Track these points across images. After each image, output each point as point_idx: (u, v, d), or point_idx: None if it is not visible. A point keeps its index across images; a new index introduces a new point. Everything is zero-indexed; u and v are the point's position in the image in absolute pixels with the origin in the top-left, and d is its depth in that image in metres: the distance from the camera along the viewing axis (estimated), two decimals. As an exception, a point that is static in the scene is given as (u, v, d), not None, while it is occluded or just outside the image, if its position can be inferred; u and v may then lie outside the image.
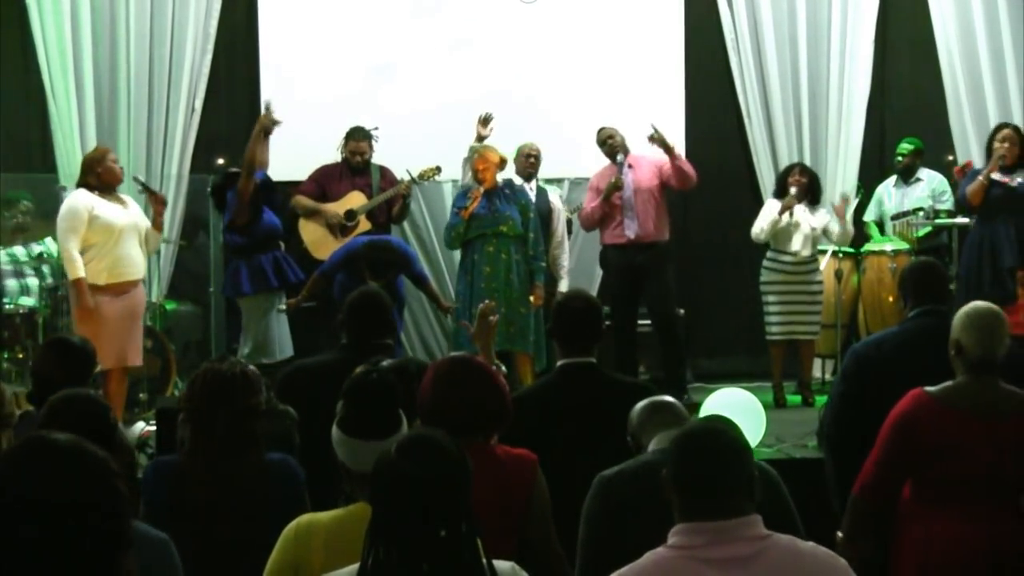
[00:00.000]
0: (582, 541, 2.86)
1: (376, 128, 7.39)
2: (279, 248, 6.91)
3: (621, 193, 7.17)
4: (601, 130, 7.39)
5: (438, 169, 7.38)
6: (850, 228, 7.40)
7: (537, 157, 7.46)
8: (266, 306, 6.82)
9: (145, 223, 6.44)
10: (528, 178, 7.35)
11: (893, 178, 8.02)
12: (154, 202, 6.51)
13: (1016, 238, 6.80)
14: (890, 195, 7.96)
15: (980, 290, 6.57)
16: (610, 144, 7.30)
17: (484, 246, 6.74)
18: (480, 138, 7.08)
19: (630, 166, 7.26)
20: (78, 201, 6.19)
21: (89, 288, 6.10)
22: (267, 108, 6.89)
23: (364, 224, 7.27)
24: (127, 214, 6.29)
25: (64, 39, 7.94)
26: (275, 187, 7.05)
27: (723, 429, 2.38)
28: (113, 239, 6.18)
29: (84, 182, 6.27)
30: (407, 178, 7.32)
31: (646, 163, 7.31)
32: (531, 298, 6.80)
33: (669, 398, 3.21)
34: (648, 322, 7.42)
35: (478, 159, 6.79)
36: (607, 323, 7.13)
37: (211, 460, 3.05)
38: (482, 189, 6.74)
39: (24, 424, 3.70)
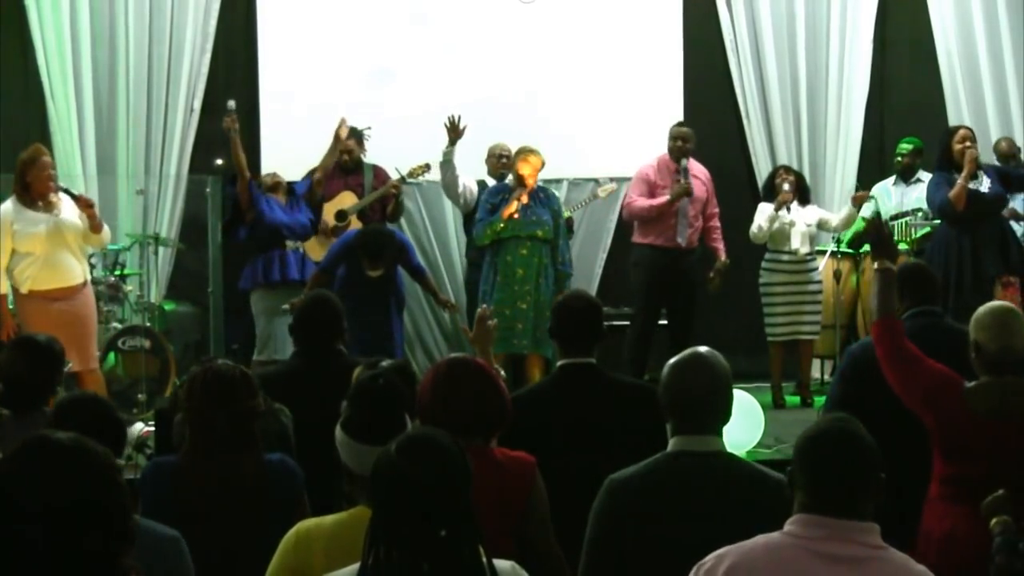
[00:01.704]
0: (589, 542, 2.84)
1: (368, 128, 7.39)
2: (282, 247, 6.91)
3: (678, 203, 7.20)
4: (681, 126, 7.39)
5: (427, 166, 7.40)
6: (855, 212, 7.45)
7: (509, 157, 7.45)
8: (266, 303, 6.89)
9: (81, 226, 6.22)
10: (500, 178, 7.31)
11: (892, 178, 8.01)
12: (81, 206, 6.24)
13: (996, 243, 6.78)
14: (889, 195, 7.93)
15: (960, 295, 6.58)
16: (680, 146, 7.28)
17: (518, 248, 6.75)
18: (453, 141, 7.05)
19: (688, 171, 7.28)
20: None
21: (21, 297, 6.10)
22: (229, 111, 6.93)
23: (355, 224, 7.29)
24: (52, 221, 6.11)
25: (63, 40, 7.94)
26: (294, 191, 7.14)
27: (858, 433, 2.34)
28: (40, 248, 6.08)
29: (14, 189, 6.14)
30: (397, 176, 7.34)
31: (697, 170, 7.35)
32: None
33: (710, 370, 2.90)
34: (662, 322, 7.45)
35: (522, 162, 6.79)
36: (624, 322, 7.23)
37: (210, 461, 3.04)
38: (526, 192, 6.74)
39: (2, 429, 3.66)
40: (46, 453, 1.70)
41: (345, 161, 7.34)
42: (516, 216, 6.72)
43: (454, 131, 7.02)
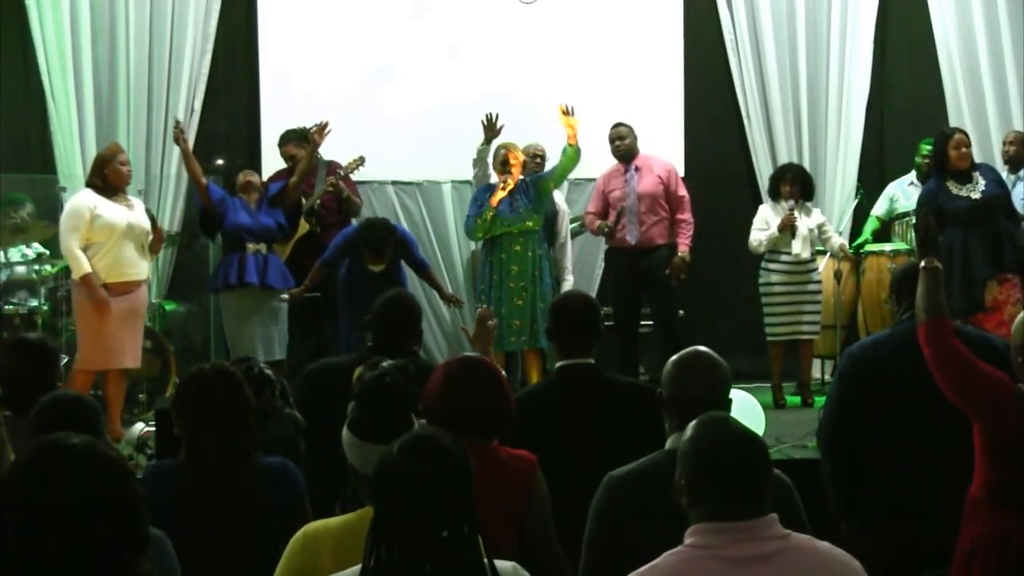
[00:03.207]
0: (588, 540, 2.85)
1: (314, 126, 7.24)
2: (243, 249, 6.83)
3: (624, 200, 7.19)
4: (615, 127, 7.37)
5: (361, 159, 7.36)
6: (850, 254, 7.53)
7: (543, 157, 7.44)
8: (229, 306, 6.89)
9: (149, 229, 6.42)
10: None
11: (909, 177, 7.92)
12: (154, 231, 6.47)
13: (988, 246, 6.74)
14: (907, 195, 7.85)
15: (949, 298, 6.54)
16: (617, 145, 7.30)
17: (512, 245, 6.76)
18: (489, 139, 7.03)
19: (637, 168, 7.28)
20: (80, 201, 6.30)
21: (79, 287, 6.21)
22: (176, 124, 6.97)
23: (303, 226, 7.28)
24: (130, 215, 6.32)
25: (63, 40, 7.94)
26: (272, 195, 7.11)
27: (742, 428, 2.36)
28: (114, 239, 6.23)
29: (90, 181, 6.37)
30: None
31: (654, 165, 7.33)
32: None
33: (711, 368, 2.96)
34: (649, 323, 7.46)
35: (509, 154, 6.80)
36: (609, 323, 7.24)
37: (208, 464, 3.04)
38: (511, 181, 6.75)
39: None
40: (59, 456, 1.70)
41: (290, 165, 7.31)
42: (503, 192, 6.70)
43: (491, 129, 6.99)
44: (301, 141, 7.29)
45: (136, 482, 1.74)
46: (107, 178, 6.30)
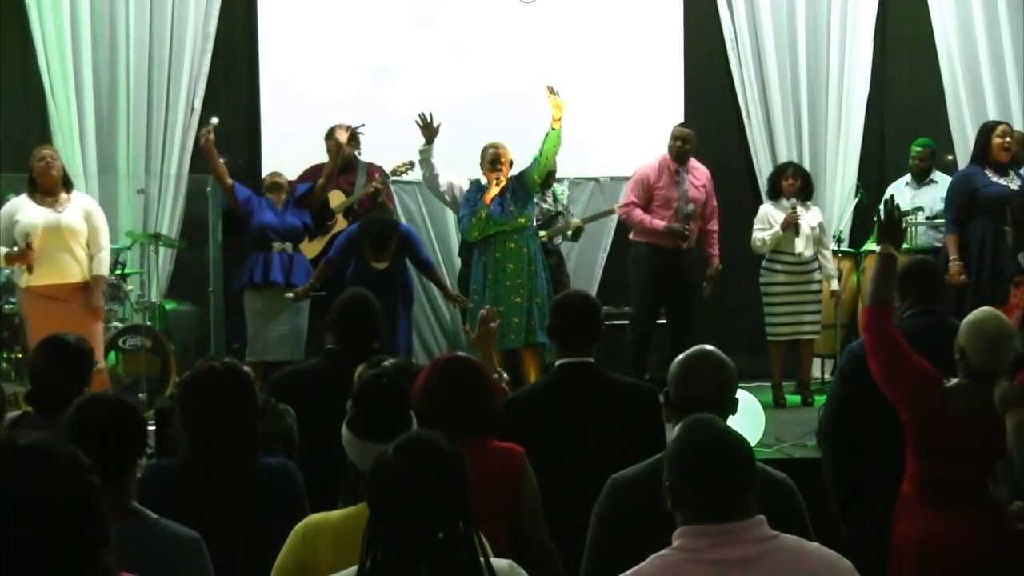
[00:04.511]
0: (590, 542, 2.84)
1: (363, 125, 7.35)
2: (269, 248, 6.87)
3: (678, 200, 7.21)
4: (683, 127, 7.41)
5: (411, 164, 7.37)
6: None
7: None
8: (252, 304, 6.90)
9: (84, 228, 6.31)
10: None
11: (906, 178, 7.92)
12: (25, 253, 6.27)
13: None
14: (902, 195, 7.85)
15: (979, 289, 6.56)
16: (680, 146, 7.30)
17: (506, 243, 6.74)
18: (430, 140, 6.97)
19: (688, 172, 7.30)
20: (6, 206, 6.35)
21: (21, 291, 6.28)
22: (209, 127, 6.95)
23: (341, 223, 7.28)
24: (55, 216, 6.24)
25: (64, 40, 7.95)
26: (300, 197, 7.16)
27: (726, 430, 2.35)
28: (35, 241, 6.15)
29: (27, 186, 6.35)
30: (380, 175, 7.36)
31: (697, 172, 7.37)
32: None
33: (719, 367, 2.92)
34: (660, 321, 7.45)
35: (499, 152, 6.80)
36: (621, 322, 7.23)
37: (209, 464, 3.02)
38: (503, 179, 6.74)
39: (23, 424, 3.70)
40: (10, 456, 1.70)
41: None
42: (496, 189, 6.69)
43: (427, 129, 6.97)
44: (353, 136, 7.34)
45: (92, 477, 1.73)
46: (35, 181, 6.27)
